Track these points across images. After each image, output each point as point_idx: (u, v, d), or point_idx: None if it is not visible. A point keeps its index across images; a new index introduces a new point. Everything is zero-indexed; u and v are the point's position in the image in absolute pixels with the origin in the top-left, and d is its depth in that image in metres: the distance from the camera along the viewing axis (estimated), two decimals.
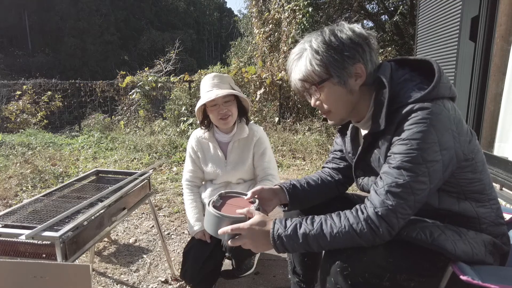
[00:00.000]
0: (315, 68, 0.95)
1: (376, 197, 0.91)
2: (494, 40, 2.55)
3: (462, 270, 0.91)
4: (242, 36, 18.24)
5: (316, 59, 0.95)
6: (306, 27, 9.05)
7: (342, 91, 0.98)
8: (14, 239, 1.23)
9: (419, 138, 0.86)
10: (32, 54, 25.68)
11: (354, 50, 0.95)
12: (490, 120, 2.67)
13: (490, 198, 1.01)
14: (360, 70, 0.96)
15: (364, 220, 0.90)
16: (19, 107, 8.48)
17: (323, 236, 0.93)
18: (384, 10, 11.74)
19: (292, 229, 0.96)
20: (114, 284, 2.02)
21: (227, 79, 1.73)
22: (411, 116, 0.88)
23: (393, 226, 0.89)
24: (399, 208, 0.88)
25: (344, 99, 1.00)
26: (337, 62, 0.94)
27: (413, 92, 0.92)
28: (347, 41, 0.95)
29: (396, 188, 0.88)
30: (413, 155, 0.87)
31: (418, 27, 3.46)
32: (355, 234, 0.90)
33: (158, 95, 7.70)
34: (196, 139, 1.82)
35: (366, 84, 0.99)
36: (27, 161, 4.57)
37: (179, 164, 4.77)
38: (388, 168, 0.91)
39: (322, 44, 0.95)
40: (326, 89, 0.98)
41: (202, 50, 41.41)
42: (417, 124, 0.87)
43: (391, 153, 0.92)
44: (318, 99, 1.01)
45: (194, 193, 1.84)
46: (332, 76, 0.95)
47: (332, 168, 1.34)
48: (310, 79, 0.97)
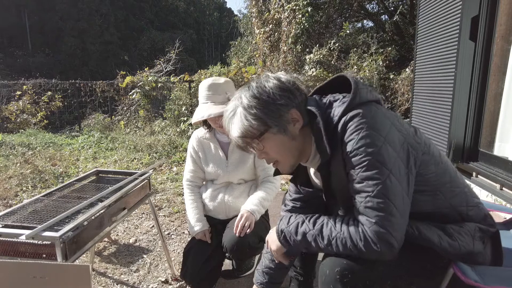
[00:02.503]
0: (252, 122, 0.94)
1: (361, 217, 0.89)
2: (494, 40, 2.55)
3: (463, 271, 0.91)
4: (242, 36, 18.22)
5: (250, 113, 0.94)
6: (306, 27, 9.05)
7: (283, 138, 0.97)
8: (14, 239, 1.23)
9: (365, 144, 0.85)
10: (32, 54, 25.65)
11: (286, 98, 0.95)
12: (490, 120, 2.67)
13: (460, 183, 1.01)
14: (295, 115, 0.97)
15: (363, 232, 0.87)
16: (19, 107, 8.47)
17: (321, 239, 0.94)
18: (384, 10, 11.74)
19: (293, 226, 1.00)
20: (114, 284, 2.02)
21: (223, 87, 1.66)
22: (347, 127, 0.89)
23: (390, 241, 0.85)
24: (384, 221, 0.84)
25: (288, 146, 0.99)
26: (272, 112, 0.94)
27: (339, 107, 0.94)
28: (276, 91, 0.95)
29: (371, 202, 0.86)
30: (367, 163, 0.85)
31: (418, 27, 3.46)
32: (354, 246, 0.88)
33: (158, 95, 7.69)
34: (197, 139, 1.82)
35: (305, 126, 0.99)
36: (27, 161, 4.57)
37: (179, 164, 4.77)
38: (354, 186, 0.89)
39: (253, 99, 0.95)
40: (267, 140, 0.97)
41: (202, 50, 41.40)
42: (356, 131, 0.87)
43: (348, 169, 0.90)
44: (262, 151, 1.00)
45: (195, 193, 1.83)
46: (270, 126, 0.95)
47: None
48: (249, 134, 0.96)
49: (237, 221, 1.60)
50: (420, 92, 3.43)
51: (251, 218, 1.61)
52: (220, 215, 1.78)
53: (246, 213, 1.61)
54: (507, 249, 1.14)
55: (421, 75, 3.41)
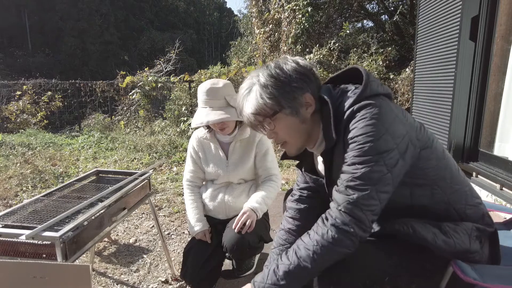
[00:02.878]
0: (266, 101, 0.96)
1: (337, 195, 0.91)
2: (494, 40, 2.55)
3: (463, 270, 0.91)
4: (242, 36, 18.21)
5: (266, 92, 0.96)
6: (306, 27, 9.05)
7: (295, 121, 1.00)
8: (14, 239, 1.23)
9: (365, 132, 0.87)
10: (32, 54, 25.65)
11: (302, 81, 0.98)
12: (490, 120, 2.67)
13: (460, 181, 1.02)
14: (309, 99, 0.99)
15: (331, 225, 0.88)
16: (19, 107, 8.47)
17: (304, 264, 0.90)
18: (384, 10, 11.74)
19: (271, 276, 0.94)
20: (114, 284, 2.02)
21: (222, 91, 1.63)
22: (354, 116, 0.90)
23: (362, 220, 0.86)
24: (361, 200, 0.86)
25: (298, 129, 1.02)
26: (287, 93, 0.96)
27: (350, 98, 0.95)
28: (293, 73, 0.97)
29: (353, 181, 0.87)
30: (363, 149, 0.87)
31: (418, 27, 3.46)
32: (330, 244, 0.88)
33: (158, 95, 7.69)
34: (197, 139, 1.82)
35: (316, 111, 1.02)
36: (27, 161, 4.57)
37: (179, 164, 4.77)
38: (343, 167, 0.91)
39: (270, 78, 0.97)
40: (279, 121, 0.99)
41: (202, 50, 41.39)
42: (361, 120, 0.88)
43: (344, 154, 0.92)
44: (272, 131, 1.02)
45: (195, 193, 1.83)
46: (283, 107, 0.97)
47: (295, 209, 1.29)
48: (263, 112, 0.98)
49: (238, 217, 1.60)
50: (420, 92, 3.43)
51: (253, 217, 1.61)
52: (220, 215, 1.78)
53: (248, 211, 1.61)
54: (508, 248, 1.14)
55: (421, 75, 3.41)
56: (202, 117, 1.60)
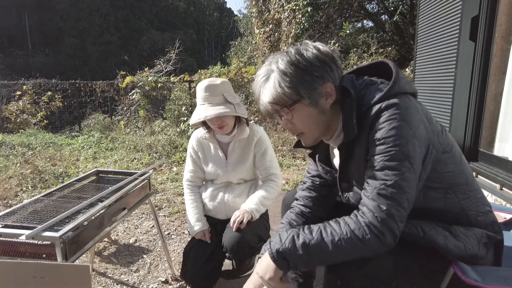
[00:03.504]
0: (285, 90, 0.92)
1: (370, 202, 0.88)
2: (494, 40, 2.55)
3: (464, 271, 0.91)
4: (242, 36, 18.21)
5: (285, 80, 0.92)
6: (306, 27, 9.05)
7: (314, 111, 0.96)
8: (14, 239, 1.23)
9: (394, 135, 0.85)
10: (32, 54, 25.66)
11: (323, 70, 0.93)
12: (490, 120, 2.67)
13: (474, 188, 1.01)
14: (330, 89, 0.94)
15: (366, 225, 0.86)
16: (19, 107, 8.47)
17: (324, 245, 0.87)
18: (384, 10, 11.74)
19: (289, 241, 0.90)
20: (114, 284, 2.02)
21: (220, 88, 1.64)
22: (381, 115, 0.87)
23: (394, 230, 0.86)
24: (394, 211, 0.85)
25: (317, 120, 0.98)
26: (307, 83, 0.92)
27: (376, 92, 0.92)
28: (314, 61, 0.92)
29: (385, 190, 0.86)
30: (392, 153, 0.85)
31: (418, 27, 3.46)
32: (359, 240, 0.86)
33: (158, 95, 7.69)
34: (197, 139, 1.82)
35: (336, 102, 0.98)
36: (27, 161, 4.57)
37: (179, 164, 4.77)
38: (372, 172, 0.88)
39: (290, 65, 0.92)
40: (297, 111, 0.95)
41: (202, 50, 41.39)
42: (388, 121, 0.86)
43: (370, 156, 0.90)
44: (290, 121, 0.98)
45: (195, 193, 1.83)
46: (303, 97, 0.93)
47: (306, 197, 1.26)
48: (281, 102, 0.94)
49: (233, 217, 1.60)
50: (420, 92, 3.43)
51: (247, 216, 1.61)
52: (220, 215, 1.78)
53: (243, 211, 1.62)
54: (508, 249, 1.14)
55: (421, 75, 3.41)
56: (201, 113, 1.60)
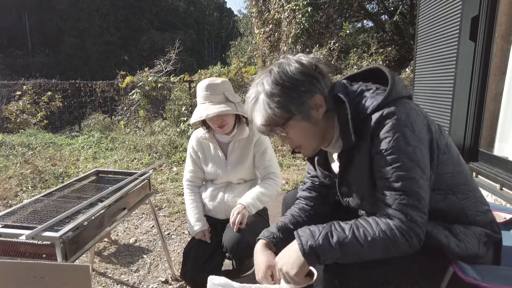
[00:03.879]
0: (275, 110, 0.93)
1: (394, 212, 0.88)
2: (494, 40, 2.55)
3: (463, 270, 0.91)
4: (242, 36, 18.22)
5: (274, 101, 0.93)
6: (306, 27, 9.05)
7: (307, 125, 0.97)
8: (14, 239, 1.23)
9: (401, 144, 0.86)
10: (32, 54, 25.65)
11: (309, 83, 0.94)
12: (490, 120, 2.67)
13: (473, 188, 1.02)
14: (319, 100, 0.95)
15: (396, 228, 0.87)
16: (19, 107, 8.47)
17: (358, 244, 0.88)
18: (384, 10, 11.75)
19: (323, 238, 0.90)
20: (114, 284, 2.02)
21: (221, 87, 1.64)
22: (383, 123, 0.88)
23: (420, 235, 0.87)
24: (418, 218, 0.87)
25: (312, 132, 0.99)
26: (295, 99, 0.92)
27: (373, 99, 0.92)
28: (298, 76, 0.93)
29: (406, 199, 0.87)
30: (403, 163, 0.86)
31: (418, 27, 3.46)
32: (390, 241, 0.87)
33: (158, 95, 7.69)
34: (197, 139, 1.82)
35: (328, 111, 0.99)
36: (27, 161, 4.57)
37: (179, 164, 4.77)
38: (388, 183, 0.89)
39: (275, 85, 0.92)
40: (291, 127, 0.97)
41: (202, 50, 41.38)
42: (392, 130, 0.87)
43: (379, 168, 0.90)
44: (286, 137, 1.00)
45: (195, 193, 1.83)
46: (294, 114, 0.94)
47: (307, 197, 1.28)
48: (273, 122, 0.95)
49: (232, 218, 1.60)
50: (420, 92, 3.43)
51: (245, 213, 1.60)
52: (220, 215, 1.78)
53: (240, 208, 1.61)
54: (508, 248, 1.14)
55: (421, 75, 3.41)
56: (202, 111, 1.60)
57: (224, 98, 1.63)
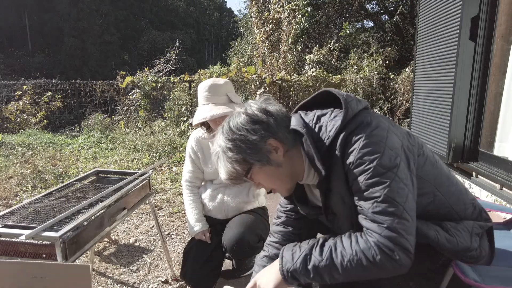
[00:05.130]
0: (234, 164, 0.95)
1: (370, 224, 0.85)
2: (494, 40, 2.55)
3: (464, 271, 0.91)
4: (242, 36, 18.20)
5: (229, 157, 0.95)
6: (306, 27, 9.06)
7: (270, 169, 0.97)
8: (14, 239, 1.23)
9: (367, 153, 0.85)
10: (32, 54, 25.64)
11: (258, 130, 0.94)
12: (490, 120, 2.67)
13: (455, 182, 1.02)
14: (274, 143, 0.95)
15: (375, 244, 0.82)
16: (19, 107, 8.46)
17: (334, 267, 0.85)
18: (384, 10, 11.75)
19: (301, 262, 0.89)
20: (114, 284, 2.02)
21: (224, 88, 1.64)
22: (349, 139, 0.88)
23: (404, 245, 0.82)
24: (396, 224, 0.82)
25: (277, 174, 0.99)
26: (249, 149, 0.94)
27: (332, 122, 0.92)
28: (248, 126, 0.94)
29: (379, 207, 0.83)
30: (371, 170, 0.84)
31: (418, 27, 3.46)
32: (369, 262, 0.82)
33: (158, 95, 7.69)
34: (196, 140, 1.82)
35: (288, 150, 0.98)
36: (27, 161, 4.57)
37: (179, 164, 4.77)
38: (360, 194, 0.87)
39: (228, 141, 0.95)
40: (255, 175, 0.98)
41: (202, 50, 41.37)
42: (357, 142, 0.86)
43: (352, 181, 0.89)
44: (256, 183, 1.02)
45: (194, 193, 1.84)
46: (252, 163, 0.95)
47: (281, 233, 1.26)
48: (235, 175, 0.98)
49: None
50: (420, 92, 3.43)
51: None
52: (220, 215, 1.78)
53: None
54: (508, 247, 1.14)
55: (421, 75, 3.41)
56: (205, 112, 1.60)
57: (227, 99, 1.64)
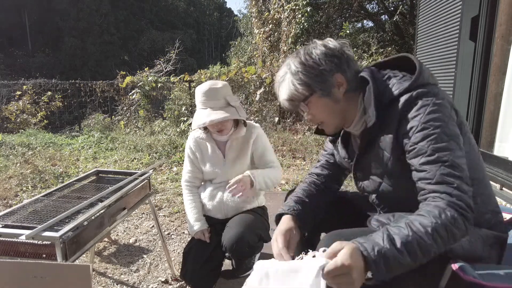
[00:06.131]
0: (297, 87, 1.02)
1: (437, 186, 0.85)
2: (494, 40, 2.55)
3: (463, 269, 0.90)
4: (242, 36, 18.20)
5: (296, 79, 1.02)
6: (306, 27, 9.05)
7: (328, 102, 1.04)
8: (14, 239, 1.23)
9: (433, 119, 0.89)
10: (32, 54, 25.63)
11: (331, 63, 1.01)
12: (490, 120, 2.67)
13: (486, 183, 1.02)
14: (340, 79, 1.02)
15: (447, 205, 0.82)
16: (19, 107, 8.46)
17: (421, 238, 0.79)
18: (384, 10, 11.74)
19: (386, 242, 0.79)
20: (114, 284, 2.02)
21: (222, 92, 1.63)
22: (413, 104, 0.93)
23: (470, 204, 0.84)
24: (463, 185, 0.85)
25: (332, 109, 1.06)
26: (316, 77, 1.01)
27: (400, 84, 0.98)
28: (322, 57, 1.01)
29: (445, 169, 0.86)
30: (437, 136, 0.88)
31: (418, 27, 3.46)
32: (449, 223, 0.80)
33: (158, 95, 7.69)
34: (194, 140, 1.82)
35: (350, 91, 1.05)
36: (27, 161, 4.57)
37: (179, 164, 4.77)
38: (425, 158, 0.89)
39: (300, 65, 1.02)
40: (313, 103, 1.05)
41: (202, 50, 41.37)
42: (424, 107, 0.91)
43: (412, 144, 0.91)
44: (309, 113, 1.08)
45: (194, 193, 1.84)
46: (315, 91, 1.02)
47: (319, 174, 1.34)
48: (296, 98, 1.04)
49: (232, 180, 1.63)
50: None
51: (246, 181, 1.64)
52: (219, 215, 1.78)
53: (243, 176, 1.65)
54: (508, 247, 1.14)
55: None
56: (204, 117, 1.59)
57: (225, 103, 1.63)
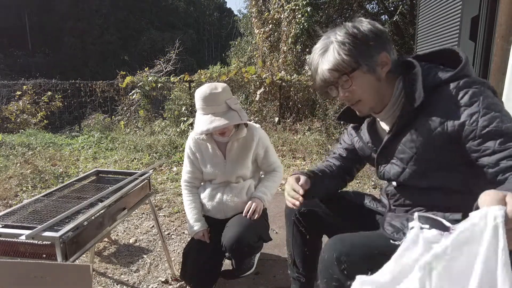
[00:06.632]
0: (344, 57, 0.98)
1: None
2: (494, 40, 2.55)
3: None
4: (242, 36, 18.19)
5: (344, 49, 0.98)
6: (306, 27, 9.04)
7: (371, 78, 1.02)
8: (14, 239, 1.23)
9: (493, 104, 0.89)
10: (32, 54, 25.64)
11: (378, 40, 1.00)
12: None
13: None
14: (385, 58, 1.01)
15: None
16: (19, 107, 8.46)
17: None
18: (384, 10, 11.73)
19: None
20: (114, 284, 2.02)
21: (222, 96, 1.61)
22: (464, 91, 0.92)
23: None
24: None
25: (374, 86, 1.03)
26: (364, 51, 0.98)
27: (444, 72, 0.97)
28: (369, 33, 0.99)
29: None
30: (504, 118, 0.87)
31: (418, 27, 3.46)
32: None
33: (158, 95, 7.69)
34: (194, 140, 1.82)
35: (391, 72, 1.04)
36: (27, 161, 4.57)
37: (179, 164, 4.77)
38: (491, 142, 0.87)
39: (348, 36, 0.99)
40: (356, 78, 1.01)
41: (202, 50, 41.38)
42: (477, 95, 0.90)
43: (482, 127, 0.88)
44: (347, 90, 1.03)
45: (193, 193, 1.84)
46: (361, 65, 0.99)
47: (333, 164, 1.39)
48: (340, 68, 0.99)
49: (246, 206, 1.69)
50: None
51: (260, 204, 1.71)
52: (219, 215, 1.78)
53: (255, 200, 1.71)
54: None
55: None
56: (207, 124, 1.57)
57: (226, 107, 1.61)
